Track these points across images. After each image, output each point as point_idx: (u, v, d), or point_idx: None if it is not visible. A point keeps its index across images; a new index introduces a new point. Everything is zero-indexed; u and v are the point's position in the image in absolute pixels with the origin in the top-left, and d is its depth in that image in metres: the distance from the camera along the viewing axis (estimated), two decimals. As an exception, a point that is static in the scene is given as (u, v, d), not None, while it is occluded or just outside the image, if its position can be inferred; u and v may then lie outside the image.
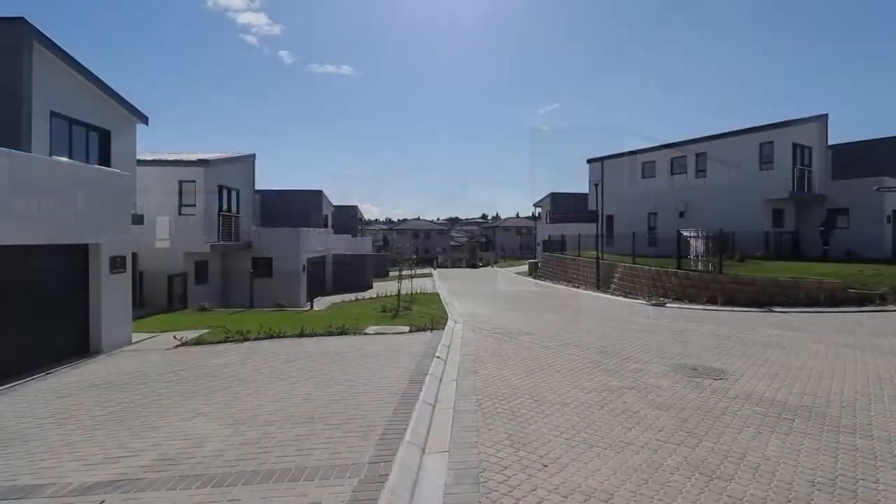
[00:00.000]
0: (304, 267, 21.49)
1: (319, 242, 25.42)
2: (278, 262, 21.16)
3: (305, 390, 5.47)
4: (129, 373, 6.60)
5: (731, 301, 13.42)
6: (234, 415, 4.72)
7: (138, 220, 11.66)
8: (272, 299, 17.06)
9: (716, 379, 5.82)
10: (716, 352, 7.38)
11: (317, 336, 9.05)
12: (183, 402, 5.18)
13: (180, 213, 17.94)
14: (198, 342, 8.68)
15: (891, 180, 19.19)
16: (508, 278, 32.19)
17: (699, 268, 15.99)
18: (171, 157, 18.87)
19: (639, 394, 5.28)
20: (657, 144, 26.93)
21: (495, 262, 61.73)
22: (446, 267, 57.70)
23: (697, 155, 24.47)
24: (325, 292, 25.92)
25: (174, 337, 9.09)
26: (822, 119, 22.39)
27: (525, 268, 39.27)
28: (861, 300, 11.76)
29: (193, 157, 18.84)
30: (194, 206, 18.01)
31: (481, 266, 56.30)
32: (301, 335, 9.07)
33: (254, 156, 22.23)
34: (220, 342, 8.63)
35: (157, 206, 16.62)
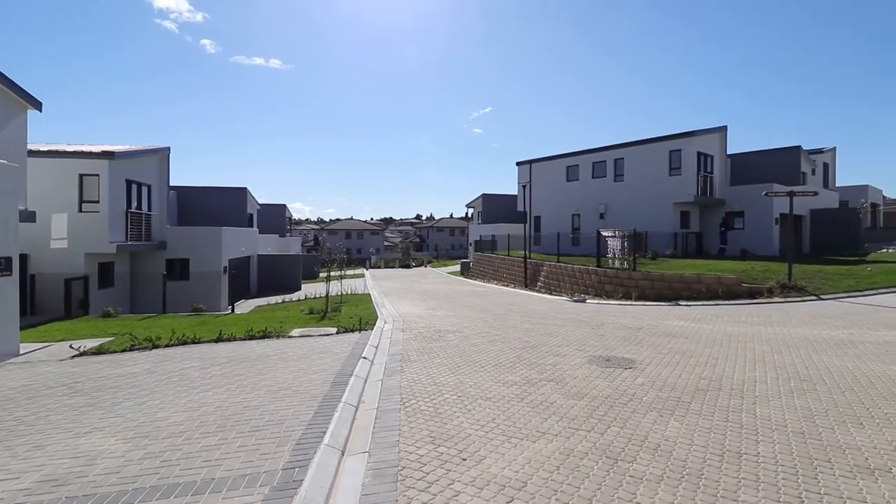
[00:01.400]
0: (225, 268, 20.33)
1: (243, 242, 24.18)
2: (196, 264, 19.87)
3: (219, 398, 5.17)
4: (14, 388, 5.89)
5: (643, 296, 14.43)
6: (136, 428, 4.35)
7: (29, 217, 10.44)
8: (189, 303, 15.96)
9: (626, 368, 6.23)
10: (627, 343, 7.89)
11: (236, 340, 8.59)
12: (77, 417, 4.70)
13: (81, 211, 16.30)
14: (99, 351, 7.93)
15: (779, 186, 21.52)
16: (441, 278, 32.44)
17: (616, 266, 17.03)
18: (71, 149, 17.10)
19: (556, 385, 5.52)
20: (581, 150, 28.38)
21: (429, 263, 62.00)
22: (379, 267, 57.07)
23: (616, 160, 26.07)
24: (249, 295, 24.71)
25: (71, 346, 8.24)
26: (722, 130, 24.70)
27: (458, 267, 39.80)
28: (753, 294, 13.10)
29: (96, 148, 17.19)
30: (97, 202, 16.43)
31: (414, 266, 56.28)
32: (219, 340, 8.57)
33: (168, 149, 20.69)
34: (124, 350, 7.94)
35: (54, 203, 14.97)
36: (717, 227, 22.79)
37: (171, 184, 22.97)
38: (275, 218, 39.64)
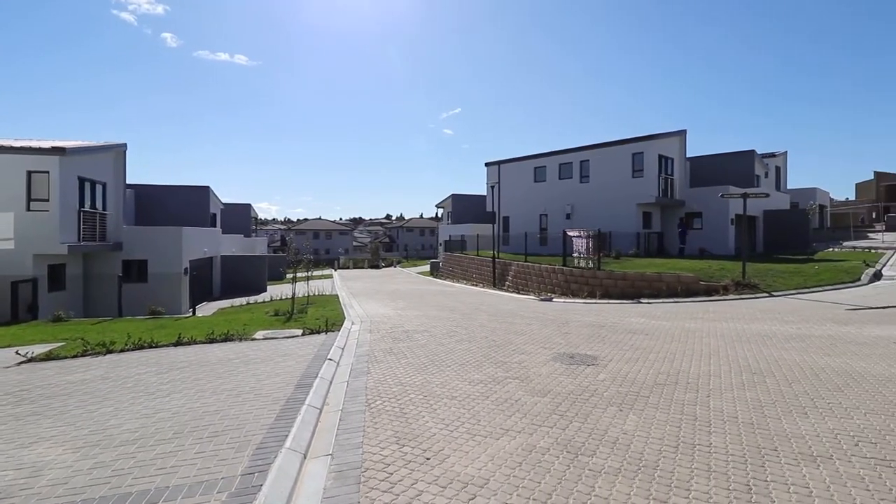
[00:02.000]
0: (186, 270, 19.69)
1: (206, 243, 23.47)
2: (155, 265, 19.16)
3: (176, 403, 5.00)
4: (-50, 398, 5.53)
5: (607, 294, 14.80)
6: (86, 437, 4.17)
7: (-32, 216, 9.82)
8: (147, 306, 15.37)
9: (588, 365, 6.38)
10: (591, 340, 8.08)
11: (197, 344, 8.33)
12: (22, 427, 4.46)
13: (29, 210, 15.46)
14: (48, 357, 7.54)
15: (734, 188, 22.46)
16: (410, 278, 32.36)
17: (582, 265, 17.40)
18: (18, 144, 16.21)
19: (521, 382, 5.60)
20: (548, 151, 28.88)
21: (398, 263, 61.75)
22: (348, 268, 56.43)
23: (582, 162, 26.65)
24: (212, 297, 24.02)
25: (17, 352, 7.82)
26: (682, 134, 25.58)
27: (427, 268, 39.79)
28: (710, 291, 13.63)
29: (46, 144, 16.35)
30: (47, 200, 15.62)
31: (384, 266, 55.92)
32: (178, 344, 8.29)
33: (124, 145, 19.86)
34: (76, 356, 7.58)
35: (-2, 201, 14.16)
36: (677, 227, 23.62)
37: (129, 182, 22.07)
38: (239, 218, 38.65)
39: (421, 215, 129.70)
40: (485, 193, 33.78)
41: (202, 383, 5.76)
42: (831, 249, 23.30)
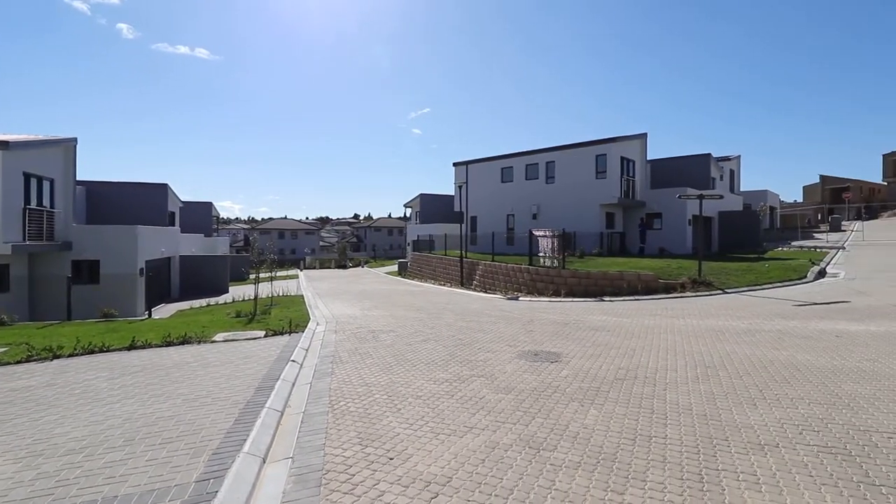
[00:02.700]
0: (142, 271, 18.88)
1: (163, 242, 22.58)
2: (108, 266, 18.30)
3: (128, 409, 4.78)
4: None
5: (571, 293, 15.10)
6: (29, 446, 3.93)
7: None
8: (99, 309, 14.65)
9: (552, 362, 6.48)
10: (555, 338, 8.22)
11: (152, 348, 7.99)
12: (-47, 439, 4.16)
13: (-34, 207, 14.46)
14: (-14, 364, 7.07)
15: (692, 190, 23.32)
16: (378, 278, 32.09)
17: (547, 264, 17.68)
18: (-47, 137, 15.13)
19: (486, 380, 5.64)
20: (515, 152, 29.21)
21: (366, 263, 61.17)
22: (314, 268, 55.48)
23: (548, 163, 27.09)
24: (170, 299, 23.14)
25: (-49, 360, 7.28)
26: (643, 137, 26.39)
27: (395, 267, 39.57)
28: (668, 289, 14.11)
29: (-14, 138, 15.34)
30: (-13, 198, 14.66)
31: (351, 267, 55.27)
32: (131, 348, 7.93)
33: (74, 140, 18.86)
34: (19, 362, 7.13)
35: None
36: (638, 227, 24.36)
37: (80, 179, 21.00)
38: (200, 217, 37.37)
39: (389, 215, 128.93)
40: (453, 193, 33.88)
41: (156, 388, 5.53)
42: (780, 249, 24.54)
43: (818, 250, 22.09)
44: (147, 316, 14.51)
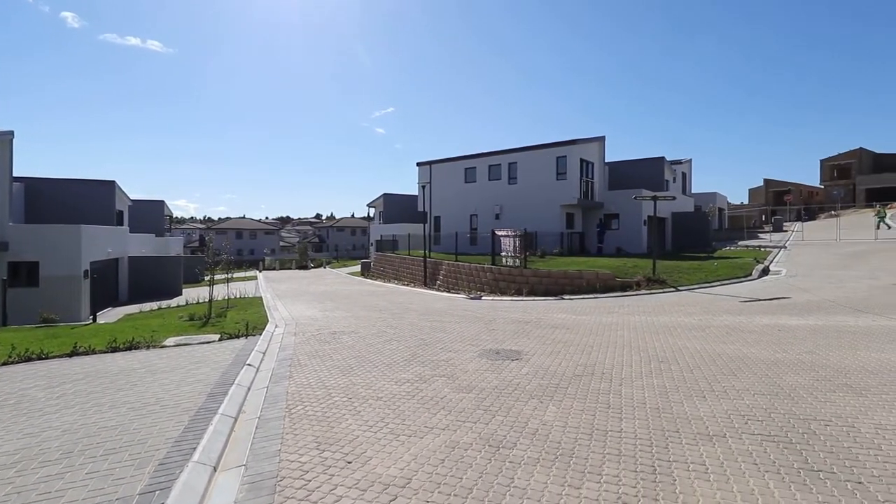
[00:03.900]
0: (86, 272, 17.85)
1: (110, 243, 21.44)
2: (49, 267, 17.22)
3: (67, 420, 4.49)
4: None
5: (533, 292, 15.34)
6: (-49, 464, 3.62)
7: None
8: (39, 313, 13.76)
9: (513, 360, 6.55)
10: (516, 336, 8.32)
11: (96, 354, 7.57)
12: None
13: None
14: None
15: (647, 192, 24.18)
16: (340, 279, 31.59)
17: (509, 264, 17.90)
18: None
19: (448, 380, 5.63)
20: (478, 153, 29.42)
21: (328, 263, 60.11)
22: (274, 269, 54.07)
23: (510, 164, 27.43)
24: (118, 302, 21.99)
25: None
26: (601, 139, 27.14)
27: (358, 268, 39.05)
28: (624, 287, 14.56)
29: None
30: None
31: (313, 267, 54.18)
32: (73, 354, 7.48)
33: (10, 133, 17.63)
34: (-57, 372, 6.58)
35: None
36: (596, 227, 25.04)
37: (18, 175, 19.63)
38: (151, 216, 35.70)
39: (352, 215, 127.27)
40: (417, 193, 33.79)
41: (99, 396, 5.22)
42: (728, 248, 25.78)
43: (762, 249, 23.34)
44: (91, 321, 13.72)
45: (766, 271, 16.74)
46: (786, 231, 33.58)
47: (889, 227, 26.12)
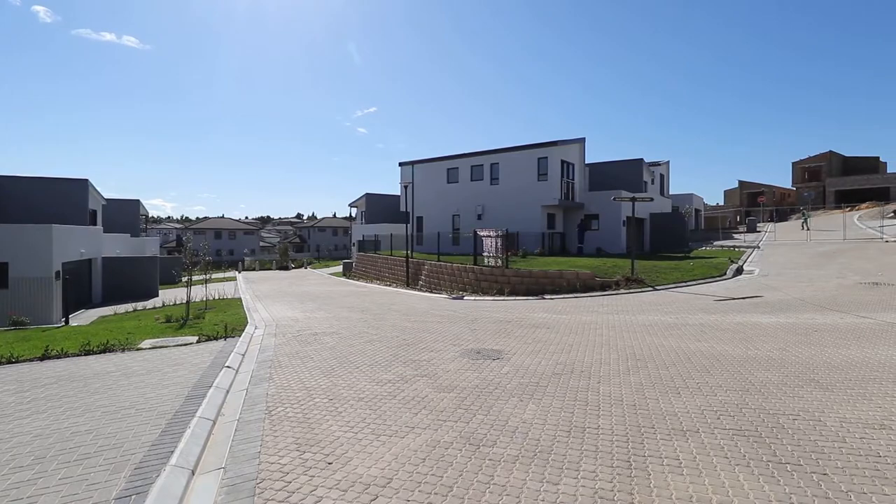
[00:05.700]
0: (58, 273, 17.36)
1: (83, 243, 20.88)
2: (18, 268, 16.70)
3: (39, 425, 4.38)
4: None
5: (514, 292, 15.46)
6: (-86, 472, 3.50)
7: None
8: (8, 316, 13.33)
9: (494, 359, 6.61)
10: (498, 336, 8.39)
11: (69, 357, 7.39)
12: None
13: None
14: None
15: (626, 193, 24.56)
16: (322, 279, 31.32)
17: (491, 264, 18.00)
18: None
19: (429, 380, 5.66)
20: (460, 153, 29.49)
21: (309, 264, 59.50)
22: (254, 269, 53.28)
23: (492, 164, 27.56)
24: (92, 304, 21.44)
25: None
26: (582, 141, 27.46)
27: (340, 268, 38.77)
28: (604, 286, 14.78)
29: None
30: None
31: (294, 268, 53.55)
32: (45, 358, 7.29)
33: (-24, 131, 17.02)
34: None
35: None
36: (577, 227, 25.34)
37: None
38: (126, 215, 34.88)
39: (334, 215, 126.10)
40: (399, 193, 33.69)
41: (72, 401, 5.10)
42: (704, 248, 26.37)
43: (737, 249, 23.94)
44: (64, 323, 13.34)
45: (740, 271, 17.18)
46: (759, 232, 34.51)
47: (808, 229, 29.57)
